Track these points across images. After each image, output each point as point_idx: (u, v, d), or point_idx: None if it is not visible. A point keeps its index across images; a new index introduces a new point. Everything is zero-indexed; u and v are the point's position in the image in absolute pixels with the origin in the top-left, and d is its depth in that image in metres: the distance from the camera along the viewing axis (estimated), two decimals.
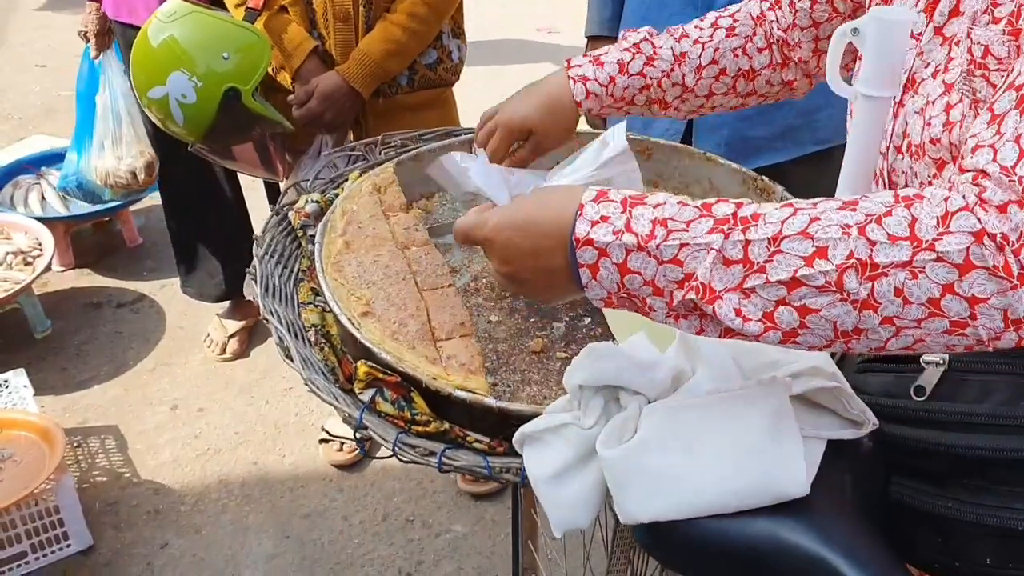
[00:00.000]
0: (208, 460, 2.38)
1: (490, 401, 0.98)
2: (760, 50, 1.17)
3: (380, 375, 1.01)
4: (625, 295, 0.74)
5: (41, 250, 2.71)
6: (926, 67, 0.84)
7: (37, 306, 2.71)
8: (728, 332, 0.71)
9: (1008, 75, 0.72)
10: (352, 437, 1.03)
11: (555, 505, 0.84)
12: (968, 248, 0.64)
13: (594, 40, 1.97)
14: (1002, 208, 0.64)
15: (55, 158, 3.21)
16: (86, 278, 3.08)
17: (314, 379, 1.04)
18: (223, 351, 2.72)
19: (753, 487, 0.76)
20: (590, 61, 1.20)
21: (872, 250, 0.65)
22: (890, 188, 0.88)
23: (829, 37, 1.05)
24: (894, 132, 0.88)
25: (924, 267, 0.64)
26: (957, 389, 0.84)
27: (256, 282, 1.16)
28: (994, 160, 0.66)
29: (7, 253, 2.65)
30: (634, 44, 1.20)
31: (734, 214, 0.70)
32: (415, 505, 2.25)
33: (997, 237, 0.63)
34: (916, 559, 0.89)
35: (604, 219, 0.73)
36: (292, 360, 1.06)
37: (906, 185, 0.84)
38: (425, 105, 2.16)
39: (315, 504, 2.25)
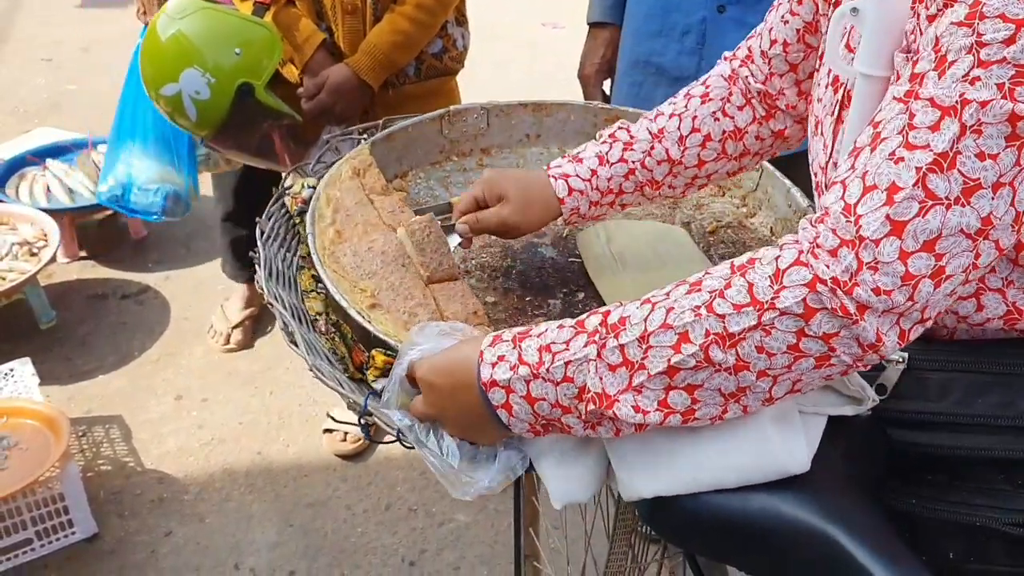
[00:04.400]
0: (212, 450, 2.39)
1: None
2: (740, 108, 1.15)
3: None
4: (544, 422, 0.81)
5: (47, 241, 2.72)
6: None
7: (42, 297, 2.72)
8: (640, 428, 0.77)
9: (880, 108, 0.74)
10: (356, 423, 1.03)
11: (555, 477, 0.85)
12: (805, 298, 0.70)
13: (596, 27, 1.96)
14: (833, 252, 0.70)
15: (60, 150, 3.21)
16: (91, 269, 3.09)
17: (319, 365, 1.04)
18: (227, 341, 2.72)
19: (754, 463, 0.77)
20: (569, 160, 1.17)
21: (724, 323, 0.72)
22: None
23: (811, 76, 1.08)
24: (834, 148, 0.90)
25: (773, 323, 0.71)
26: (918, 387, 0.86)
27: (260, 266, 1.17)
28: (842, 197, 0.71)
29: (13, 244, 2.66)
30: (610, 135, 1.18)
31: (603, 323, 0.77)
32: (418, 494, 2.26)
33: (828, 282, 0.69)
34: None
35: (501, 359, 0.81)
36: (297, 346, 1.05)
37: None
38: (431, 94, 2.16)
39: (319, 493, 2.26)
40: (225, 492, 2.26)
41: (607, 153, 1.16)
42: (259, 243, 1.20)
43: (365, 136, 1.47)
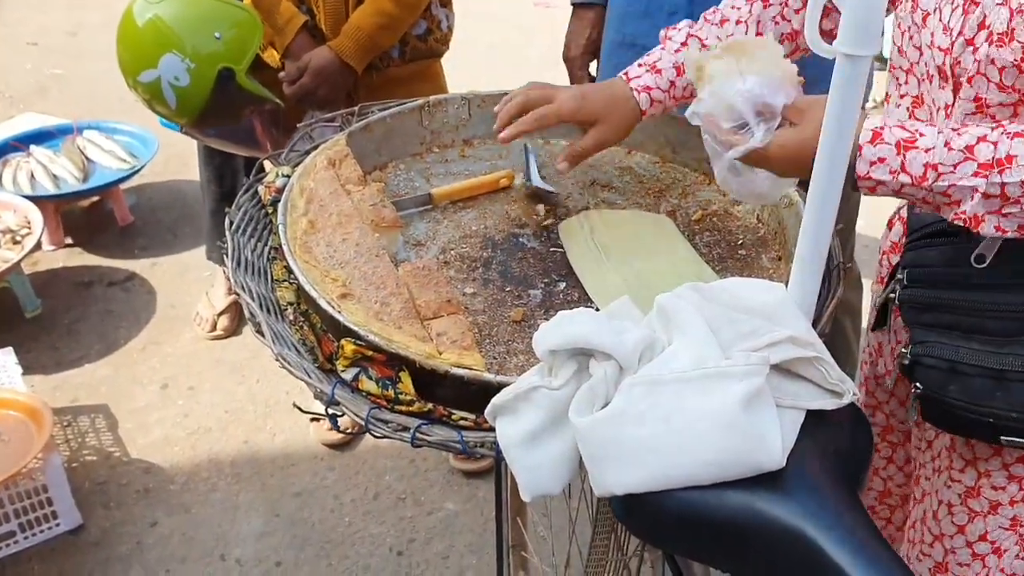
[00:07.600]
0: (198, 439, 2.36)
1: (489, 376, 0.96)
2: (797, 10, 1.19)
3: (368, 353, 0.99)
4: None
5: (30, 229, 2.68)
6: None
7: (27, 285, 2.69)
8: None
9: None
10: (324, 413, 1.01)
11: (524, 468, 0.82)
12: None
13: (580, 8, 1.92)
14: None
15: (45, 136, 3.18)
16: (77, 257, 3.06)
17: (285, 354, 1.02)
18: (213, 328, 2.69)
19: (728, 460, 0.74)
20: (647, 70, 1.23)
21: None
22: (951, 81, 0.93)
23: None
24: (965, 25, 0.90)
25: None
26: (1014, 256, 0.93)
27: (228, 256, 1.14)
28: None
29: None
30: (681, 43, 1.23)
31: (994, 158, 0.83)
32: (407, 483, 2.24)
33: None
34: (964, 428, 1.00)
35: (881, 160, 0.87)
36: (263, 335, 1.03)
37: (977, 74, 0.89)
38: (416, 78, 2.13)
39: (306, 483, 2.24)
40: (211, 482, 2.24)
41: (683, 64, 1.21)
42: (227, 233, 1.17)
43: (341, 122, 1.44)
